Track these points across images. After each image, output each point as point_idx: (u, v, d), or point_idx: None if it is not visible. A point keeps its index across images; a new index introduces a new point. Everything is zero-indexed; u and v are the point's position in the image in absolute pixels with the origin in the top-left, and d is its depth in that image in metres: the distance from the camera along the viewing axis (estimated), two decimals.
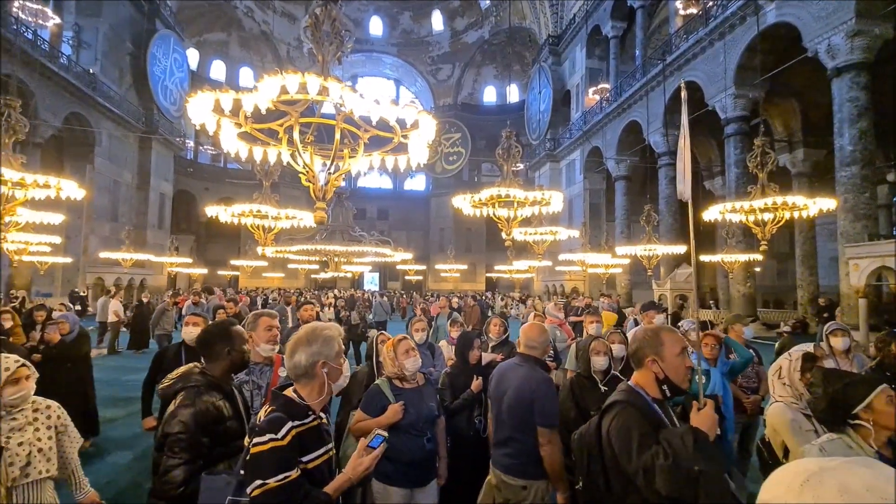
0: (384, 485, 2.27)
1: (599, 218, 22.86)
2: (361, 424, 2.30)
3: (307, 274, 26.21)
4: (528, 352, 2.35)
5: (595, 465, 1.58)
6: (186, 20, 28.30)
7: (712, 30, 13.94)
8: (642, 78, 17.79)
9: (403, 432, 2.27)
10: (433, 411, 2.42)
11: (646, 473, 1.37)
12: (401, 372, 2.38)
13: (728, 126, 13.94)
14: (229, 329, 1.91)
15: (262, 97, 2.49)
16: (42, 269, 14.49)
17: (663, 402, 1.57)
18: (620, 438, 1.46)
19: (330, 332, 1.55)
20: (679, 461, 1.31)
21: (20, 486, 1.89)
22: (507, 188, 5.93)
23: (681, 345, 1.57)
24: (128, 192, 22.32)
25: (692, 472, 1.30)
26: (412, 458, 2.27)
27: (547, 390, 2.20)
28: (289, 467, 1.33)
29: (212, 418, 1.69)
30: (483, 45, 35.54)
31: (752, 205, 6.84)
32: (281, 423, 1.37)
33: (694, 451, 1.31)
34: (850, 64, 10.37)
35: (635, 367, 1.64)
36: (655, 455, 1.36)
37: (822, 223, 18.09)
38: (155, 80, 22.93)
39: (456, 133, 34.53)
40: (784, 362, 2.32)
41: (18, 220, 8.19)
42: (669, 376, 1.54)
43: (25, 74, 15.01)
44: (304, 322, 4.47)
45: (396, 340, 2.43)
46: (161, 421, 1.78)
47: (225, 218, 7.42)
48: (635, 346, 1.64)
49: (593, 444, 1.59)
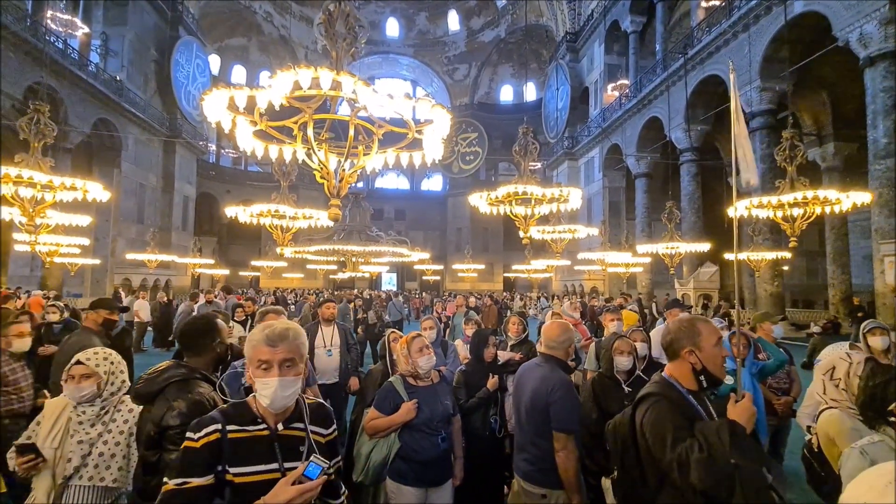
0: (398, 484, 2.23)
1: (619, 216, 22.45)
2: (375, 423, 2.27)
3: (326, 274, 26.49)
4: (549, 351, 2.26)
5: (630, 457, 1.56)
6: (208, 26, 28.97)
7: (736, 21, 13.53)
8: (663, 73, 17.39)
9: (417, 431, 2.24)
10: (448, 409, 2.37)
11: (680, 467, 1.33)
12: (414, 370, 2.34)
13: (753, 120, 13.50)
14: (215, 323, 1.91)
15: (276, 93, 2.48)
16: (72, 271, 14.97)
17: (699, 393, 1.53)
18: (654, 431, 1.43)
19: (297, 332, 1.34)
20: (715, 455, 1.28)
21: (74, 486, 1.80)
22: (524, 185, 5.84)
23: (717, 335, 1.54)
24: (153, 194, 22.94)
25: (728, 467, 1.26)
26: (426, 458, 2.23)
27: (565, 393, 2.10)
28: (192, 473, 1.17)
29: (207, 410, 1.62)
30: (499, 43, 35.34)
31: (780, 199, 6.57)
32: (206, 423, 1.23)
33: (730, 446, 1.28)
34: (884, 52, 9.91)
35: (670, 358, 1.60)
36: (690, 448, 1.32)
37: (855, 220, 17.40)
38: (178, 85, 23.51)
39: (473, 132, 34.41)
40: (840, 364, 2.13)
41: (49, 223, 8.49)
42: (707, 367, 1.50)
43: (56, 83, 15.56)
44: (324, 320, 4.48)
45: (410, 338, 2.39)
46: (142, 420, 1.73)
47: (244, 218, 7.52)
48: (670, 337, 1.58)
49: (627, 436, 1.57)
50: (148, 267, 16.58)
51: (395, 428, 2.26)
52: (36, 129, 5.61)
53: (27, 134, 5.61)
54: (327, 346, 4.30)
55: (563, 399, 2.08)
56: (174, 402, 1.63)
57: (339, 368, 4.35)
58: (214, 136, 31.33)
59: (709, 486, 1.28)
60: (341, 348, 4.39)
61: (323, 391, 4.25)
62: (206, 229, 30.34)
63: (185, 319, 2.47)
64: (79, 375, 1.88)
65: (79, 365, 1.90)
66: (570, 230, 9.92)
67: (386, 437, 2.26)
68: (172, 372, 1.74)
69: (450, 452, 2.37)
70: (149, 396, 1.71)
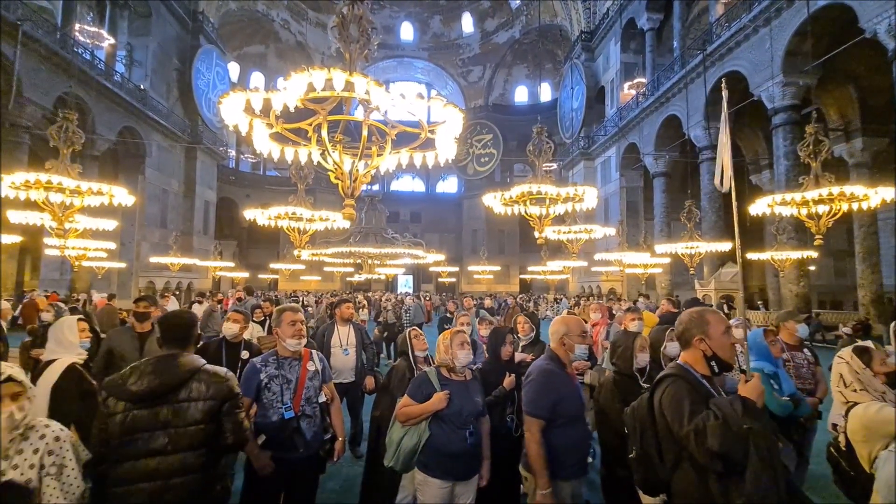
0: (425, 475, 2.28)
1: (637, 217, 22.11)
2: (407, 409, 2.34)
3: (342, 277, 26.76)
4: (551, 345, 2.38)
5: (648, 437, 1.69)
6: (227, 35, 29.64)
7: (756, 15, 13.21)
8: (681, 70, 17.10)
9: (446, 422, 2.29)
10: (478, 407, 2.42)
11: (697, 435, 1.47)
12: (451, 362, 2.39)
13: (776, 116, 13.15)
14: (196, 317, 2.11)
15: (291, 95, 2.53)
16: (100, 274, 15.46)
17: (711, 378, 1.67)
18: (672, 406, 1.57)
19: None
20: (729, 421, 1.42)
21: None
22: (538, 184, 5.81)
23: (725, 324, 1.68)
24: (175, 200, 23.53)
25: (741, 430, 1.41)
26: (453, 451, 2.27)
27: (535, 377, 2.23)
28: None
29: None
30: (514, 44, 35.25)
31: (804, 196, 6.38)
32: None
33: (743, 413, 1.43)
34: None
35: (683, 347, 1.74)
36: (706, 418, 1.47)
37: (885, 217, 16.78)
38: (199, 93, 24.11)
39: (487, 134, 34.36)
40: (842, 368, 2.15)
41: (77, 227, 8.80)
42: (717, 353, 1.65)
43: (84, 93, 16.13)
44: (343, 320, 4.52)
45: (454, 332, 2.47)
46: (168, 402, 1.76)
47: (262, 221, 7.67)
48: (682, 327, 1.73)
49: (645, 417, 1.70)
50: (171, 270, 17.02)
51: (426, 416, 2.30)
52: (65, 136, 5.83)
53: (57, 141, 5.83)
54: (344, 346, 4.34)
55: (532, 383, 2.22)
56: (225, 378, 1.86)
57: (355, 367, 4.38)
58: (234, 141, 32.00)
59: (725, 449, 1.41)
60: (357, 348, 4.43)
61: (340, 390, 4.29)
62: (226, 233, 30.98)
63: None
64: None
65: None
66: (587, 230, 9.81)
67: (417, 426, 2.31)
68: (190, 359, 1.87)
69: (478, 449, 2.39)
70: (172, 386, 1.76)
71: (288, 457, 2.33)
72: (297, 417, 2.35)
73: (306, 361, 2.47)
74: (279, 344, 2.46)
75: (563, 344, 2.30)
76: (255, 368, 2.39)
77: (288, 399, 2.35)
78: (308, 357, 2.50)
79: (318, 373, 2.51)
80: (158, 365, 1.79)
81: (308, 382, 2.43)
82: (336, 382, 4.24)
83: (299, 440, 2.34)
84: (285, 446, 2.32)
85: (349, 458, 4.40)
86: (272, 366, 2.40)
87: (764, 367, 2.76)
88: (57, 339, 2.57)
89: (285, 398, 2.35)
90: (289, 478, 2.36)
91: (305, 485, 2.43)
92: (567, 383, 2.25)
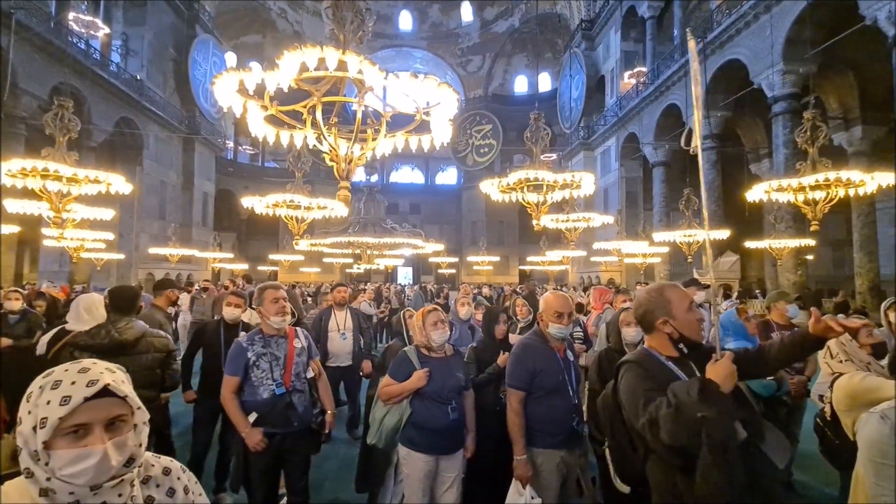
0: (408, 450, 2.33)
1: (637, 207, 22.08)
2: (388, 389, 2.38)
3: (342, 268, 26.78)
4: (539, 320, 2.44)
5: (618, 427, 1.59)
6: (224, 24, 29.34)
7: (757, 2, 13.11)
8: (681, 58, 16.98)
9: (428, 399, 2.33)
10: (460, 382, 2.45)
11: (651, 426, 1.32)
12: (428, 342, 2.41)
13: (776, 104, 13.08)
14: (138, 290, 2.92)
15: (284, 75, 2.53)
16: (99, 266, 15.47)
17: (680, 359, 1.51)
18: (627, 396, 1.46)
19: None
20: (681, 408, 1.25)
21: None
22: (535, 171, 5.81)
23: (688, 299, 1.53)
24: (174, 191, 23.47)
25: (694, 420, 1.23)
26: (436, 426, 2.31)
27: (514, 351, 2.37)
28: None
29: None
30: (513, 33, 34.92)
31: (800, 182, 6.38)
32: None
33: (698, 400, 1.24)
34: None
35: (645, 331, 1.58)
36: (659, 406, 1.31)
37: (884, 207, 16.78)
38: (196, 83, 23.92)
39: (487, 125, 34.18)
40: (829, 342, 2.15)
41: (75, 217, 8.79)
42: (684, 333, 1.49)
43: (79, 82, 16.00)
44: (336, 303, 4.57)
45: (426, 311, 2.47)
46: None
47: (260, 209, 7.67)
48: (642, 309, 1.56)
49: (613, 408, 1.59)
50: (170, 261, 17.02)
51: (407, 395, 2.34)
52: (60, 123, 5.81)
53: (52, 129, 5.81)
54: (341, 330, 4.39)
55: (511, 355, 2.39)
56: (164, 336, 2.72)
57: (352, 351, 4.43)
58: (232, 132, 31.84)
59: (675, 440, 1.26)
60: (354, 332, 4.47)
61: (337, 374, 4.35)
62: (225, 225, 30.93)
63: (118, 288, 2.98)
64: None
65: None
66: (584, 218, 9.83)
67: (399, 404, 2.35)
68: (134, 323, 2.59)
69: (460, 423, 2.43)
70: (127, 344, 2.43)
71: (282, 432, 2.37)
72: (288, 393, 2.39)
73: (292, 339, 2.51)
74: (263, 322, 2.50)
75: (541, 320, 2.33)
76: (242, 348, 2.42)
77: (278, 375, 2.39)
78: (293, 335, 2.54)
79: (305, 349, 2.56)
80: (117, 326, 2.47)
81: (297, 359, 2.47)
82: (333, 366, 4.30)
83: (293, 414, 2.38)
84: (279, 421, 2.36)
85: (346, 440, 4.46)
86: (258, 344, 2.44)
87: (747, 347, 2.78)
88: (78, 315, 2.74)
89: (276, 375, 2.38)
90: (283, 453, 2.41)
91: (299, 457, 2.49)
92: (548, 357, 2.27)
